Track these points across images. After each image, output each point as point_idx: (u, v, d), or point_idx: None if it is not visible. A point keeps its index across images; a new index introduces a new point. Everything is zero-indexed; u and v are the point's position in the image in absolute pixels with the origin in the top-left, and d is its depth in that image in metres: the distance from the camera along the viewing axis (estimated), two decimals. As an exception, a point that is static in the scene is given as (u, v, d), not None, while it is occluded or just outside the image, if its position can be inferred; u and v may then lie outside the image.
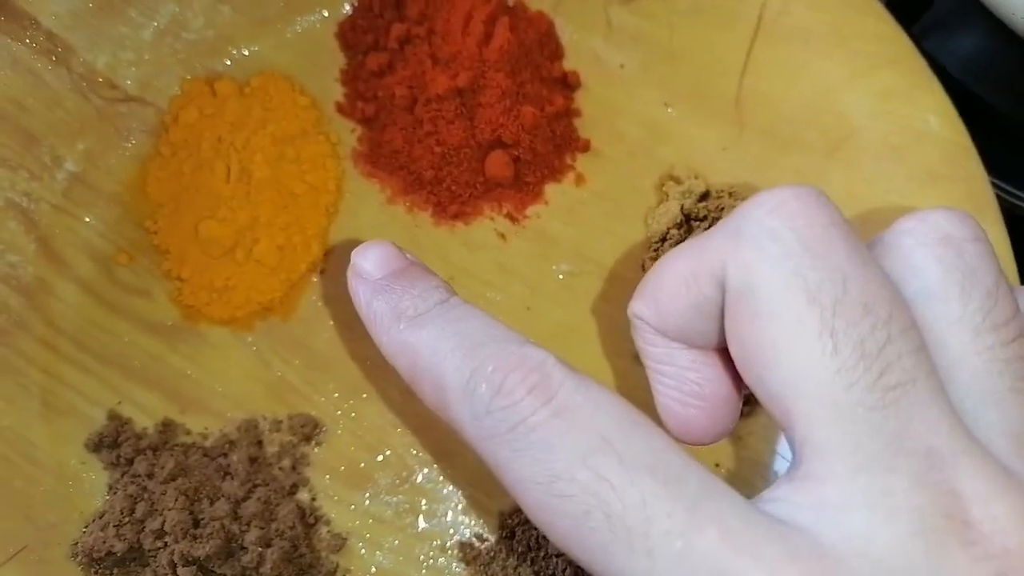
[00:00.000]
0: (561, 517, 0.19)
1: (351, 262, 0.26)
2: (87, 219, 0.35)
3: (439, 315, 0.23)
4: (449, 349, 0.22)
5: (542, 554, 0.32)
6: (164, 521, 0.31)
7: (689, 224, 0.36)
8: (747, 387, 0.22)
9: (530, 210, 0.38)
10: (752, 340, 0.20)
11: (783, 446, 0.34)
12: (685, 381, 0.24)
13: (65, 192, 0.35)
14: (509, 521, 0.34)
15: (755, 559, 0.17)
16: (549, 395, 0.20)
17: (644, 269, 0.37)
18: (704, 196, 0.37)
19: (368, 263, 0.25)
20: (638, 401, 0.35)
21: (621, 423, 0.20)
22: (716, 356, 0.24)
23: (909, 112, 0.34)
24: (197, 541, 0.31)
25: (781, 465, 0.34)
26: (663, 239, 0.36)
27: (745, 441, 0.35)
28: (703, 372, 0.24)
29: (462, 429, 0.22)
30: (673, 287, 0.22)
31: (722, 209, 0.36)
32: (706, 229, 0.36)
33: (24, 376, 0.33)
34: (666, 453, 0.19)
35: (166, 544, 0.31)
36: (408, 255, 0.26)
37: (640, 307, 0.24)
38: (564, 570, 0.31)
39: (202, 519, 0.32)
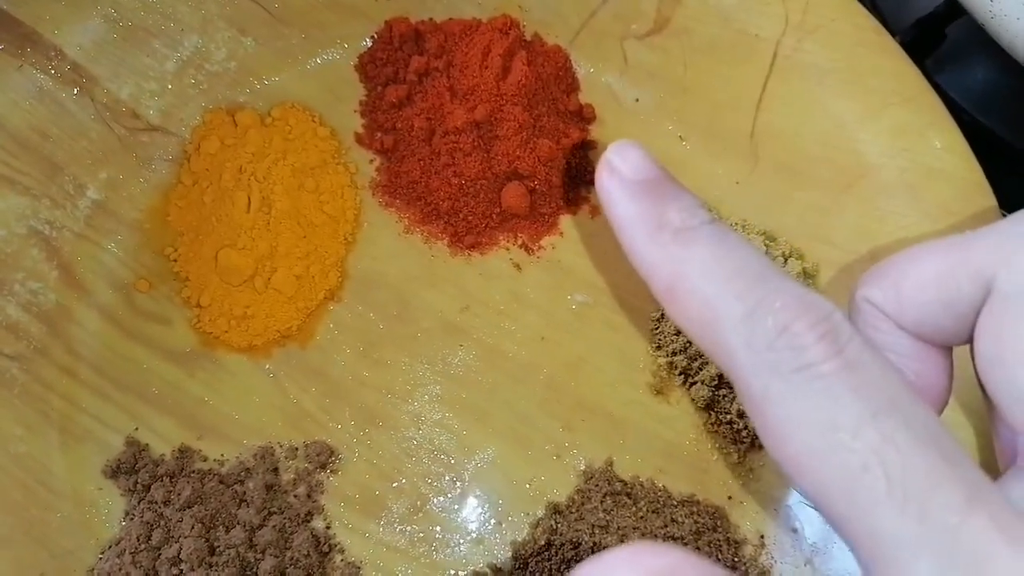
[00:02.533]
0: (832, 466, 0.19)
1: (604, 157, 0.25)
2: (109, 247, 0.36)
3: (712, 235, 0.22)
4: (725, 274, 0.21)
5: (555, 586, 0.32)
6: (180, 549, 0.31)
7: (703, 257, 0.37)
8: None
9: (545, 241, 0.38)
10: (1018, 343, 0.21)
11: (796, 480, 0.34)
12: (904, 371, 0.24)
13: (87, 220, 0.35)
14: (522, 552, 0.34)
15: (1016, 547, 0.18)
16: (839, 347, 0.20)
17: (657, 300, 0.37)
18: (718, 229, 0.37)
19: (626, 164, 0.24)
20: (652, 430, 0.35)
21: (906, 391, 0.20)
22: (938, 352, 0.24)
23: (923, 149, 0.35)
24: (213, 569, 0.31)
25: (793, 498, 0.34)
26: (677, 271, 0.37)
27: (757, 473, 0.35)
28: (924, 365, 0.24)
29: (730, 355, 0.21)
30: (923, 279, 0.23)
31: (736, 242, 0.36)
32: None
33: (44, 403, 0.33)
34: (943, 430, 0.20)
35: (182, 572, 0.31)
36: (662, 165, 0.25)
37: (875, 292, 0.24)
38: (577, 602, 0.31)
39: (218, 547, 0.32)
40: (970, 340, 0.23)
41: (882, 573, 0.19)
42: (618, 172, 0.24)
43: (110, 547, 0.32)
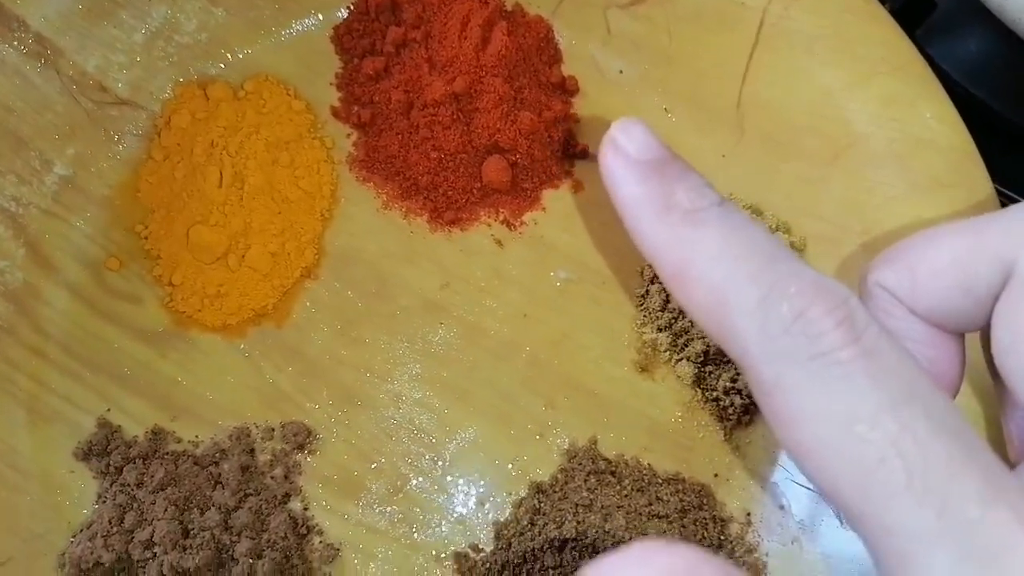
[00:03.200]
0: (846, 459, 0.19)
1: (609, 135, 0.24)
2: (77, 223, 0.35)
3: (721, 216, 0.22)
4: (737, 257, 0.21)
5: (538, 566, 0.32)
6: (154, 531, 0.31)
7: (688, 231, 0.36)
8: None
9: (527, 216, 0.37)
10: None
11: (784, 457, 0.34)
12: (918, 357, 0.23)
13: (55, 196, 0.34)
14: (505, 532, 0.33)
15: None
16: (856, 334, 0.19)
17: (643, 276, 0.36)
18: (703, 203, 0.36)
19: (632, 144, 0.24)
20: (637, 408, 0.35)
21: (924, 379, 0.19)
22: (951, 338, 0.23)
23: (912, 119, 0.34)
24: (187, 552, 0.30)
25: (780, 475, 0.34)
26: (662, 246, 0.36)
27: (744, 451, 0.34)
28: (937, 351, 0.23)
29: (741, 341, 0.20)
30: (939, 264, 0.22)
31: (722, 216, 0.35)
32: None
33: (11, 383, 0.32)
34: (962, 419, 0.19)
35: (155, 555, 0.31)
36: (668, 146, 0.25)
37: (888, 277, 0.23)
38: (560, 582, 0.31)
39: (192, 529, 0.31)
40: (985, 326, 0.22)
41: (896, 566, 0.18)
42: (623, 151, 0.24)
43: (81, 530, 0.31)
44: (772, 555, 0.33)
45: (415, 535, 0.33)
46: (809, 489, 0.33)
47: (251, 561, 0.31)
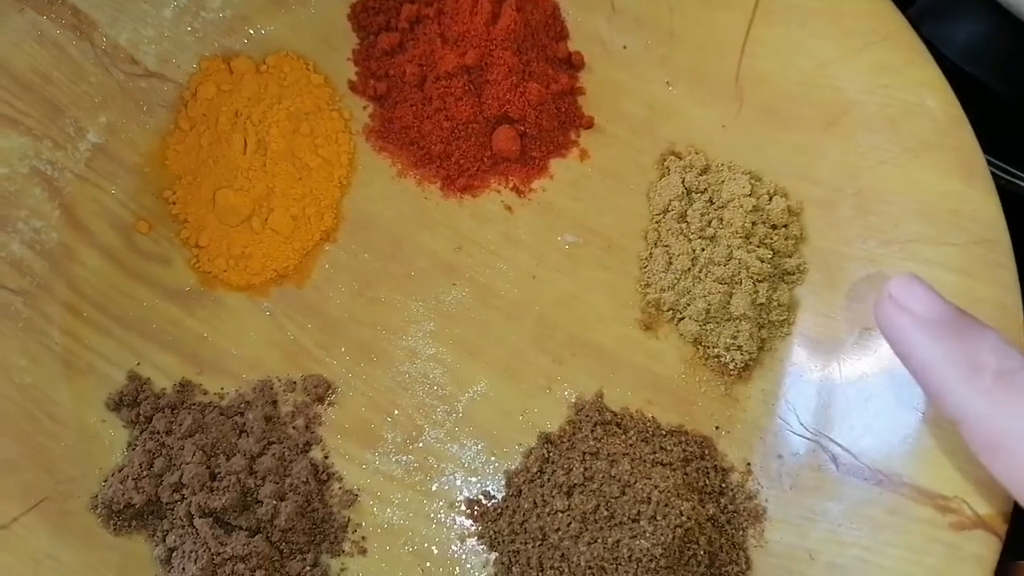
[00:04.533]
0: None
1: (888, 294, 0.24)
2: (109, 189, 0.36)
3: None
4: None
5: (547, 510, 0.33)
6: (182, 474, 0.32)
7: (690, 197, 0.38)
8: None
9: (536, 184, 0.39)
10: None
11: (782, 410, 0.35)
12: None
13: (88, 162, 0.36)
14: (515, 480, 0.35)
15: None
16: None
17: (646, 240, 0.38)
18: (704, 170, 0.38)
19: (918, 303, 0.24)
20: (641, 364, 0.36)
21: None
22: None
23: (902, 85, 0.35)
24: (214, 494, 0.32)
25: (778, 427, 0.35)
26: (665, 211, 0.38)
27: (743, 404, 0.36)
28: None
29: None
30: None
31: (722, 182, 0.37)
32: (706, 203, 0.37)
33: (47, 337, 0.34)
34: None
35: (183, 497, 0.32)
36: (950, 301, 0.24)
37: None
38: (569, 524, 0.32)
39: (219, 473, 0.33)
40: None
41: None
42: (909, 311, 0.24)
43: (113, 474, 0.33)
44: (771, 501, 0.34)
45: (430, 483, 0.35)
46: (805, 439, 0.34)
47: (275, 503, 0.32)
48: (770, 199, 0.37)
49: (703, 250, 0.37)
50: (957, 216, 0.34)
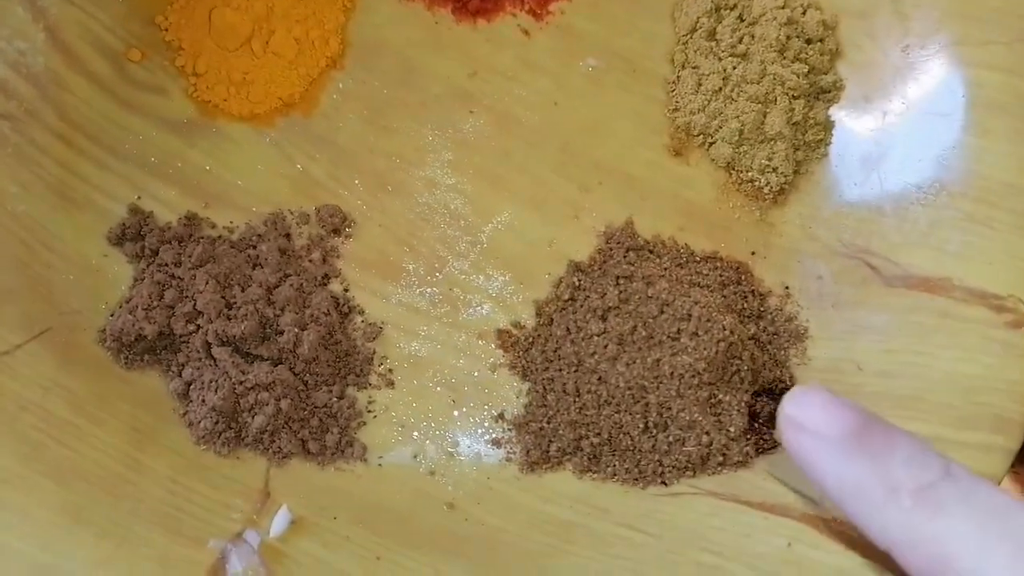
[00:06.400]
0: None
1: (784, 414, 0.22)
2: (95, 14, 0.33)
3: (960, 494, 0.20)
4: (1004, 548, 0.19)
5: (582, 335, 0.32)
6: (195, 304, 0.30)
7: (719, 13, 0.35)
8: None
9: (553, 6, 0.36)
10: None
11: (820, 231, 0.34)
12: None
13: (71, -17, 0.33)
14: (546, 309, 0.33)
15: None
16: None
17: (673, 62, 0.36)
18: (733, -15, 0.36)
19: (817, 417, 0.22)
20: (672, 190, 0.34)
21: None
22: None
23: None
24: (231, 322, 0.30)
25: (816, 248, 0.34)
26: (693, 30, 0.35)
27: (779, 229, 0.34)
28: None
29: None
30: None
31: (752, -3, 0.35)
32: (736, 19, 0.35)
33: (40, 167, 0.32)
34: None
35: (198, 327, 0.30)
36: (853, 403, 0.22)
37: None
38: (605, 347, 0.31)
39: (234, 303, 0.31)
40: None
41: None
42: (808, 430, 0.22)
43: (120, 306, 0.31)
44: (812, 321, 0.33)
45: (456, 314, 0.33)
46: (847, 256, 0.33)
47: (296, 331, 0.30)
48: (804, 12, 0.35)
49: (735, 68, 0.35)
50: (1002, 14, 0.32)
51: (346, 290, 0.33)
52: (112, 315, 0.31)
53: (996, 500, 0.20)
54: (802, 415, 0.22)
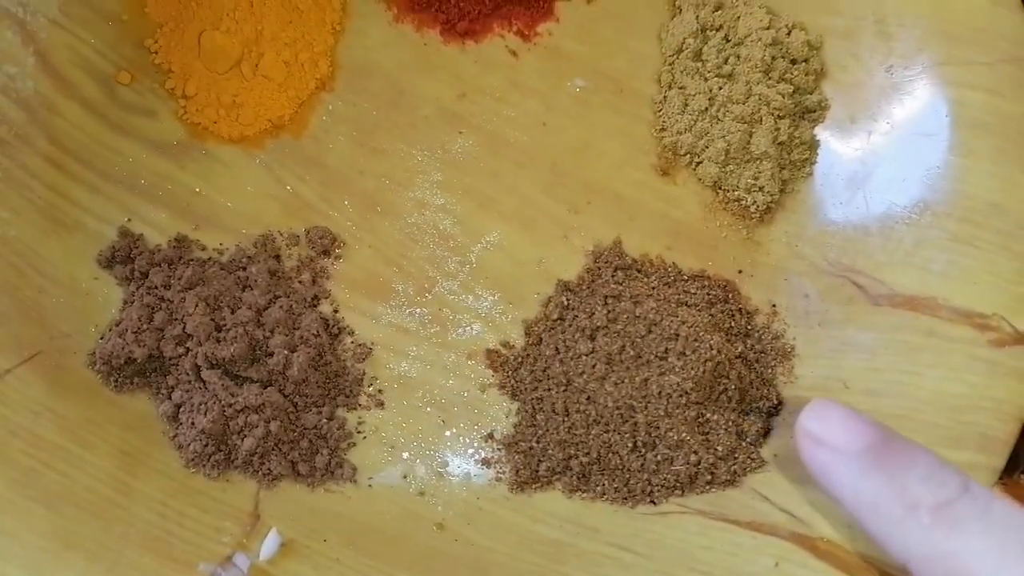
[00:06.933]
0: None
1: (802, 428, 0.22)
2: (86, 38, 0.34)
3: (978, 511, 0.20)
4: (1012, 565, 0.19)
5: (570, 355, 0.32)
6: (184, 326, 0.30)
7: (705, 34, 0.36)
8: None
9: (541, 27, 0.37)
10: None
11: (806, 250, 0.34)
12: None
13: (61, 7, 0.33)
14: (535, 328, 0.33)
15: None
16: None
17: (659, 82, 0.36)
18: (719, 6, 0.36)
19: (836, 432, 0.22)
20: (659, 210, 0.35)
21: None
22: None
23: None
24: (221, 344, 0.30)
25: (802, 267, 0.34)
26: (679, 51, 0.36)
27: (766, 248, 0.35)
28: None
29: None
30: None
31: (738, 18, 0.35)
32: (722, 40, 0.35)
33: (29, 190, 0.32)
34: None
35: (188, 350, 0.30)
36: (872, 419, 0.22)
37: None
38: (593, 367, 0.31)
39: (224, 325, 0.31)
40: None
41: None
42: (827, 444, 0.22)
43: (110, 329, 0.31)
44: (799, 339, 0.33)
45: (446, 334, 0.33)
46: (833, 275, 0.33)
47: (286, 353, 0.30)
48: (789, 32, 0.35)
49: (720, 89, 0.35)
50: (985, 35, 0.32)
51: (336, 311, 0.33)
52: (102, 338, 0.31)
53: (1014, 517, 0.20)
54: (821, 430, 0.23)
